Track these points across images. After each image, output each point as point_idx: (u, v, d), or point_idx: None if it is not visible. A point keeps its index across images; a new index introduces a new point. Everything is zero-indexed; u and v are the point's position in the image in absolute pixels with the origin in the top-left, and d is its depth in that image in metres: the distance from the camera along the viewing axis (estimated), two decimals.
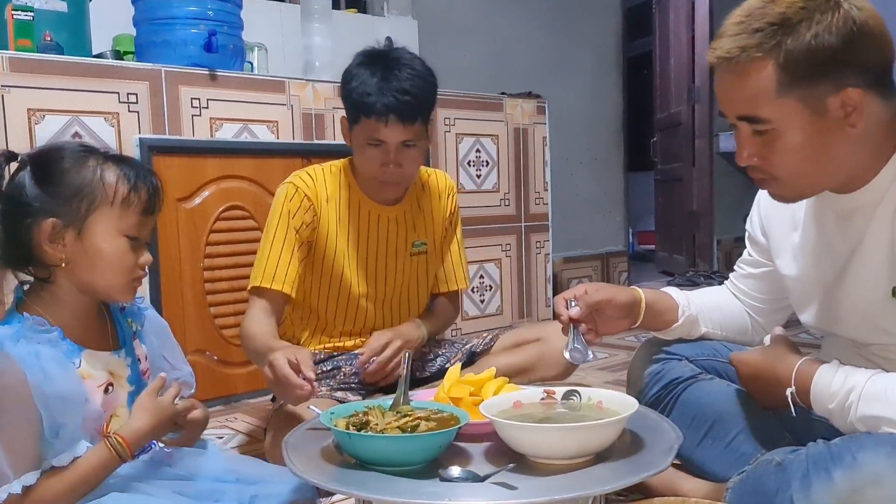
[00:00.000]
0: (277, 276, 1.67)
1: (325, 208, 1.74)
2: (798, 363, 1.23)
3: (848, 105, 1.07)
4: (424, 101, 1.67)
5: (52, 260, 1.09)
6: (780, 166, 1.13)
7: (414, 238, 1.85)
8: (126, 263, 1.13)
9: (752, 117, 1.12)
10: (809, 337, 3.22)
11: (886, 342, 1.20)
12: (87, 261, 1.10)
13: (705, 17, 4.83)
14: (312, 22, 2.89)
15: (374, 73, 1.63)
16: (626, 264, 4.95)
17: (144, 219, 1.14)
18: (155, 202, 1.16)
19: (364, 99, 1.63)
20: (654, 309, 1.40)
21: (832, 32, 1.04)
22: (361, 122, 1.65)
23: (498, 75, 3.93)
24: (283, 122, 2.60)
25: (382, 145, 1.65)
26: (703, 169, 5.02)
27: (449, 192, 1.91)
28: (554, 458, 1.07)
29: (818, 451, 1.11)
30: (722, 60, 1.12)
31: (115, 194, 1.11)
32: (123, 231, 1.12)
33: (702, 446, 1.42)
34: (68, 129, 2.16)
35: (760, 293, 1.47)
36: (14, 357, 1.02)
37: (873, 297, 1.18)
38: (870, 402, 1.11)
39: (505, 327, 3.34)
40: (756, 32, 1.08)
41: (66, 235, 1.09)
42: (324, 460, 1.12)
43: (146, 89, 2.29)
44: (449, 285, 1.95)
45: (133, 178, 1.12)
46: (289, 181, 1.76)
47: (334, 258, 1.75)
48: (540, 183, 3.54)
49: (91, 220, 1.09)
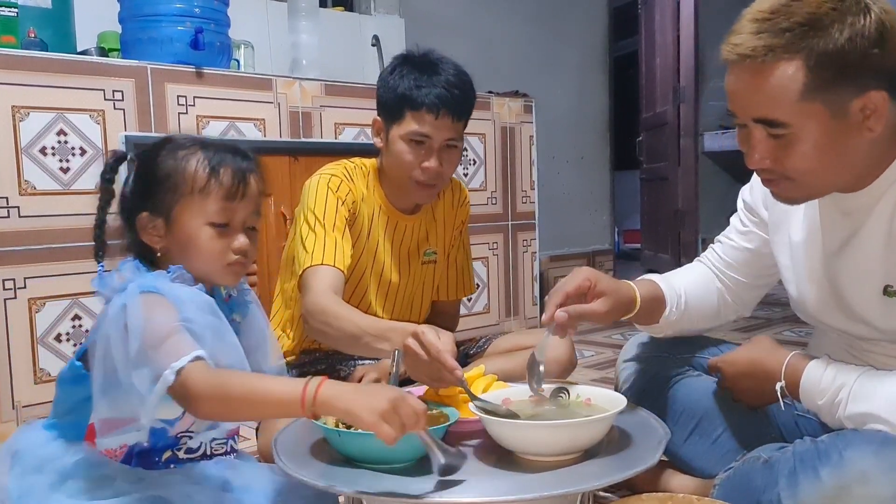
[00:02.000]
0: (338, 255, 1.58)
1: (361, 206, 1.71)
2: (788, 357, 1.23)
3: (868, 108, 1.05)
4: (471, 97, 1.66)
5: (153, 249, 1.14)
6: (793, 169, 1.10)
7: (426, 247, 1.83)
8: (214, 250, 1.13)
9: (770, 120, 1.08)
10: (793, 335, 3.26)
11: (876, 338, 1.21)
12: (179, 249, 1.13)
13: (690, 18, 4.85)
14: (299, 20, 2.88)
15: (421, 69, 1.61)
16: (612, 263, 4.97)
17: (230, 204, 1.13)
18: (242, 187, 1.13)
19: (413, 92, 1.58)
20: (645, 308, 1.35)
21: (865, 36, 1.02)
22: (406, 117, 1.60)
23: (485, 74, 3.92)
24: (270, 120, 2.59)
25: (426, 142, 1.61)
26: (689, 168, 5.05)
27: (462, 202, 1.89)
28: (543, 455, 1.07)
29: (805, 449, 1.12)
30: (743, 58, 1.06)
31: (195, 182, 1.12)
32: (208, 218, 1.12)
33: (689, 443, 1.43)
34: (53, 126, 2.15)
35: (745, 267, 1.43)
36: (164, 295, 1.04)
37: (865, 292, 1.19)
38: (859, 400, 1.11)
39: (492, 326, 3.36)
40: (784, 32, 1.03)
41: (157, 226, 1.13)
42: (314, 458, 1.11)
43: (132, 86, 2.28)
44: (458, 293, 1.93)
45: (214, 164, 1.12)
46: (328, 173, 1.68)
47: (359, 256, 1.71)
48: (527, 181, 3.54)
49: (176, 210, 1.12)
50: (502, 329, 3.36)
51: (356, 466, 1.07)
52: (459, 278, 1.93)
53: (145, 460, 1.11)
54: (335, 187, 1.65)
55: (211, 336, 1.04)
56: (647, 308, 1.34)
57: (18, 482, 1.05)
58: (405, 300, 1.84)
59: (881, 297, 1.16)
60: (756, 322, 3.53)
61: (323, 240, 1.59)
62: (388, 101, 1.64)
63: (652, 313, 1.38)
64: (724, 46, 1.10)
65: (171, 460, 1.14)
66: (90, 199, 1.21)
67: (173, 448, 1.14)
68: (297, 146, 2.61)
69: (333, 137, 2.76)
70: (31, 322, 2.14)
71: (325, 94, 2.73)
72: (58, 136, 2.16)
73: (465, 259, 1.94)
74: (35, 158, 2.12)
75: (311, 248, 1.59)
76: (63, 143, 2.17)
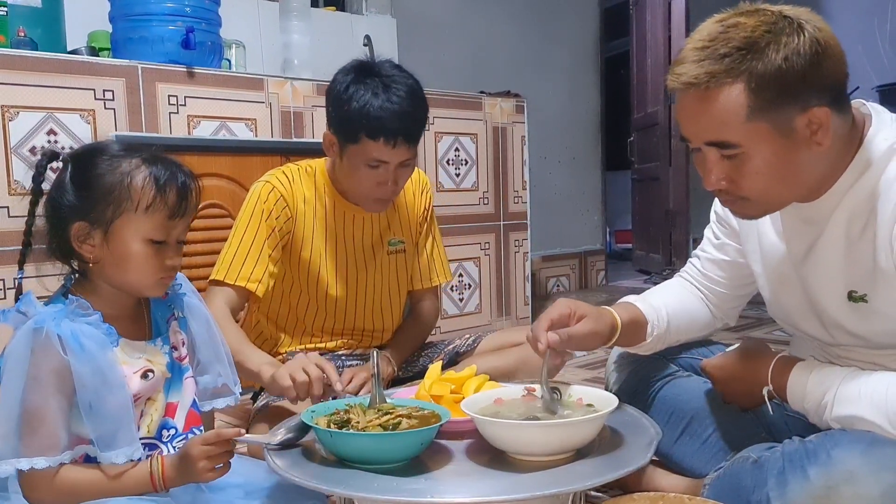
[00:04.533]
0: (243, 272, 1.65)
1: (301, 209, 1.73)
2: (774, 360, 1.24)
3: (814, 124, 1.08)
4: (424, 118, 1.67)
5: (84, 258, 1.14)
6: (749, 188, 1.13)
7: (390, 236, 1.84)
8: (151, 266, 1.14)
9: (721, 142, 1.11)
10: (783, 334, 3.28)
11: (848, 343, 1.22)
12: (114, 262, 1.13)
13: (681, 18, 4.87)
14: (291, 19, 2.88)
15: (375, 93, 1.59)
16: (603, 263, 4.99)
17: (171, 222, 1.14)
18: (183, 206, 1.15)
19: (370, 122, 1.57)
20: (627, 331, 1.35)
21: (800, 55, 1.05)
22: (362, 144, 1.60)
23: (477, 74, 3.94)
24: (262, 120, 2.58)
25: (382, 166, 1.63)
26: (680, 168, 5.07)
27: (423, 189, 1.91)
28: (535, 455, 1.07)
29: (794, 449, 1.13)
30: (687, 87, 1.09)
31: (140, 200, 1.11)
32: (147, 235, 1.13)
33: (679, 442, 1.44)
34: (43, 125, 2.13)
35: (724, 278, 1.45)
36: (54, 335, 1.05)
37: (830, 299, 1.20)
38: (844, 402, 1.13)
39: (484, 326, 3.36)
40: (723, 58, 1.06)
41: (94, 237, 1.12)
42: (305, 459, 1.11)
43: (122, 86, 2.27)
44: (431, 280, 1.94)
45: (162, 182, 1.12)
46: (264, 180, 1.73)
47: (310, 258, 1.74)
48: (518, 182, 3.55)
49: (116, 224, 1.12)
50: (494, 329, 3.36)
51: (348, 467, 1.07)
52: (431, 265, 1.93)
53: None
54: (266, 196, 1.70)
55: (97, 381, 1.07)
56: (628, 330, 1.34)
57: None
58: (381, 293, 1.85)
59: (847, 302, 1.17)
60: (745, 322, 3.55)
61: (234, 253, 1.67)
62: (342, 121, 1.63)
63: (635, 334, 1.38)
64: (668, 77, 1.13)
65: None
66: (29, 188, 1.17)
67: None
68: (289, 146, 2.60)
69: None
70: None
71: (316, 94, 2.73)
72: (48, 135, 2.15)
73: (434, 245, 1.94)
74: (25, 158, 2.11)
75: (224, 259, 1.67)
76: (53, 142, 2.16)
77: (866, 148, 1.14)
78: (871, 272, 1.14)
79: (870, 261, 1.13)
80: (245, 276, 1.66)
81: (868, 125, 1.16)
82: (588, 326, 1.24)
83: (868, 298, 1.15)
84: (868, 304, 1.15)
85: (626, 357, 1.56)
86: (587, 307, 1.28)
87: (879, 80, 4.80)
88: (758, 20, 1.07)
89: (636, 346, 1.42)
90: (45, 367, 1.05)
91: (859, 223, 1.14)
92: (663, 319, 1.40)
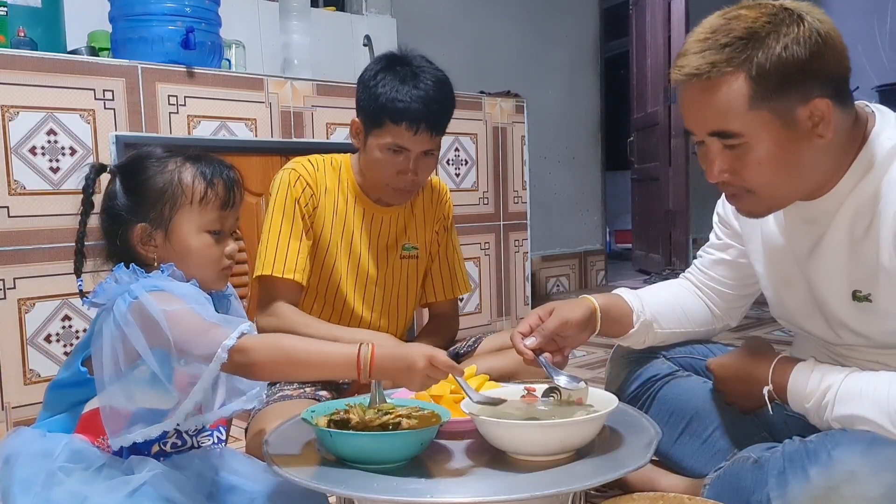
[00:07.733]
0: (288, 263, 1.66)
1: (323, 199, 1.74)
2: (775, 361, 1.24)
3: (815, 115, 1.09)
4: (450, 109, 1.68)
5: (147, 260, 1.19)
6: (751, 179, 1.14)
7: (404, 241, 1.84)
8: (212, 256, 1.21)
9: (723, 132, 1.12)
10: (783, 334, 3.28)
11: (853, 342, 1.22)
12: (178, 258, 1.19)
13: (681, 19, 4.87)
14: (291, 19, 2.88)
15: (402, 79, 1.61)
16: (603, 263, 4.99)
17: (224, 213, 1.21)
18: (233, 196, 1.22)
19: (395, 105, 1.60)
20: (610, 315, 1.37)
21: (800, 44, 1.06)
22: (386, 128, 1.63)
23: (477, 74, 3.94)
24: (262, 120, 2.59)
25: (404, 153, 1.64)
26: (679, 168, 5.07)
27: (441, 199, 1.91)
28: (535, 455, 1.07)
29: (794, 449, 1.12)
30: (690, 77, 1.11)
31: (193, 194, 1.19)
32: (205, 227, 1.20)
33: (679, 442, 1.43)
34: (43, 125, 2.14)
35: (727, 278, 1.46)
36: (175, 291, 1.11)
37: (834, 298, 1.20)
38: (845, 401, 1.13)
39: (485, 326, 3.36)
40: (725, 48, 1.08)
41: (155, 237, 1.19)
42: (305, 458, 1.11)
43: (122, 86, 2.27)
44: (454, 292, 1.94)
45: (209, 176, 1.20)
46: (289, 167, 1.74)
47: (326, 251, 1.74)
48: (518, 182, 3.55)
49: (175, 221, 1.18)
50: (494, 329, 3.36)
51: (347, 467, 1.06)
52: (452, 277, 1.94)
53: (135, 454, 1.13)
54: (293, 182, 1.71)
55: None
56: (610, 316, 1.37)
57: (16, 480, 1.06)
58: (389, 296, 1.84)
59: (851, 301, 1.18)
60: (745, 322, 3.55)
61: (276, 245, 1.68)
62: (369, 107, 1.66)
63: (619, 321, 1.40)
64: (672, 70, 1.15)
65: (159, 454, 1.16)
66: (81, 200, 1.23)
67: (160, 442, 1.17)
68: (289, 146, 2.60)
69: (325, 137, 2.77)
70: (21, 323, 2.13)
71: (316, 93, 2.73)
72: (47, 135, 2.15)
73: (457, 256, 1.95)
74: (25, 158, 2.11)
75: (268, 253, 1.68)
76: (53, 142, 2.16)
77: (870, 146, 1.14)
78: (874, 272, 1.14)
79: (873, 261, 1.13)
80: (291, 268, 1.67)
81: (872, 124, 1.16)
82: (557, 318, 1.28)
83: (872, 298, 1.15)
84: (872, 304, 1.15)
85: (626, 357, 1.56)
86: (558, 302, 1.32)
87: (879, 80, 4.80)
88: (759, 12, 1.09)
89: (626, 337, 1.43)
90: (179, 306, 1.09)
91: (863, 223, 1.14)
92: (649, 306, 1.42)
